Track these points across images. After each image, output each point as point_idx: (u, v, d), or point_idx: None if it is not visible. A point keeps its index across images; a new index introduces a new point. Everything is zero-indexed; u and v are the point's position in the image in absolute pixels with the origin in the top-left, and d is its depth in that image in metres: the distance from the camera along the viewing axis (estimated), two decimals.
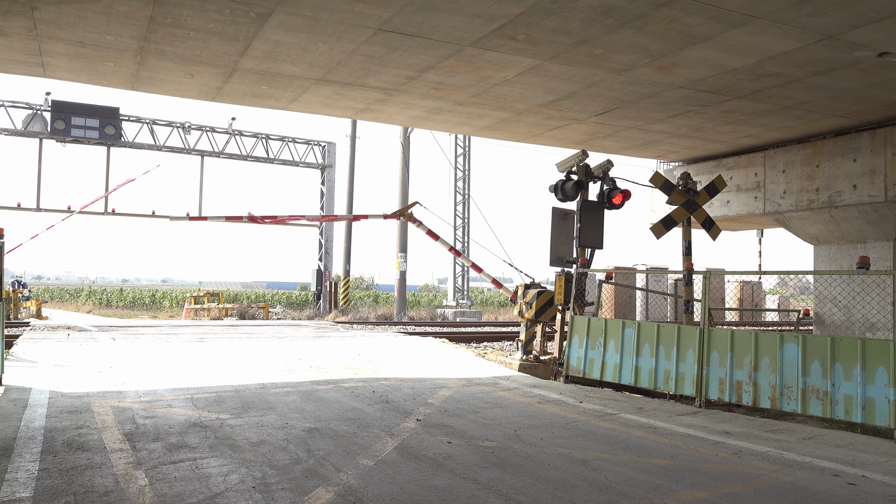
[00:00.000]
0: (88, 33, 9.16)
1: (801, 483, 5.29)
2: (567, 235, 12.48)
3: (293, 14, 8.38)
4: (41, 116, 23.26)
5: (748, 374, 8.25)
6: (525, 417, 7.58)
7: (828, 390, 7.45)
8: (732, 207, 16.05)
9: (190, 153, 26.42)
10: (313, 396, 8.44)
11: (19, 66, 10.75)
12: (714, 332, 8.78)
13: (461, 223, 31.04)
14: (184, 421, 6.85)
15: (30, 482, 4.79)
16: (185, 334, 15.54)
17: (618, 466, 5.61)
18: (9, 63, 10.59)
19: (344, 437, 6.39)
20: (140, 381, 9.17)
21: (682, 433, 7.02)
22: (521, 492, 4.89)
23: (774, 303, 37.99)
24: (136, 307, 42.74)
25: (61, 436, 6.11)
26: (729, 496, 4.90)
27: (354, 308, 30.43)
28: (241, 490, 4.75)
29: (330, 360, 11.89)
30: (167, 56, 10.03)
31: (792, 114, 12.34)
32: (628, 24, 8.38)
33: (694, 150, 15.80)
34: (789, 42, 8.81)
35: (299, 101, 12.44)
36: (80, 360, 10.77)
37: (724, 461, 5.90)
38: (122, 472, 5.08)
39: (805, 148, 14.34)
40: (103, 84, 11.69)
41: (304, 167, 29.59)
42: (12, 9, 8.37)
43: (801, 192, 14.42)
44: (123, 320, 24.74)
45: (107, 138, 23.65)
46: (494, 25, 8.56)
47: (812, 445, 6.63)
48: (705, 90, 10.99)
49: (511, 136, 14.93)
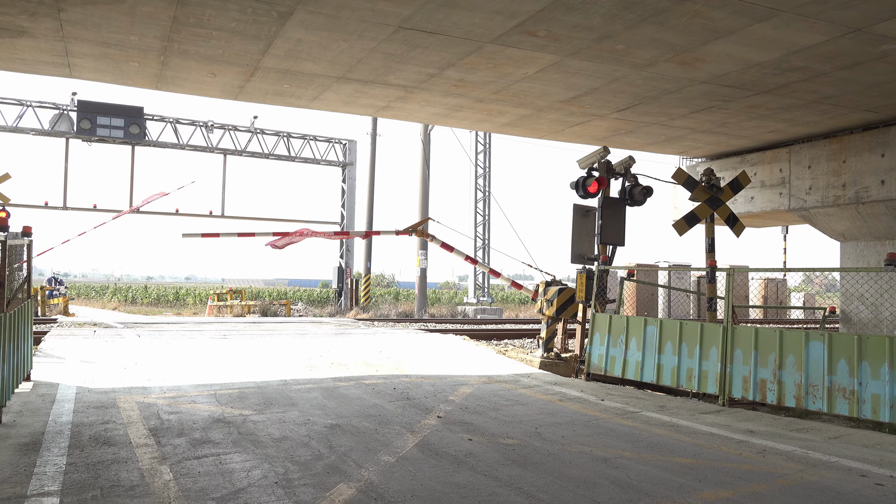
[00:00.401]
0: (113, 34, 9.28)
1: (828, 483, 5.22)
2: (588, 232, 12.41)
3: (314, 12, 8.42)
4: (67, 116, 23.62)
5: (773, 372, 8.14)
6: (546, 415, 7.56)
7: (854, 389, 7.34)
8: (756, 204, 15.85)
9: (213, 152, 26.66)
10: (335, 393, 8.49)
11: (47, 67, 10.92)
12: (738, 330, 8.69)
13: (482, 220, 31.00)
14: (207, 416, 6.93)
15: (58, 476, 4.88)
16: (208, 331, 15.70)
17: (640, 465, 5.58)
18: (37, 64, 10.77)
19: (365, 433, 6.42)
20: (164, 377, 9.29)
21: (705, 432, 6.95)
22: (542, 489, 4.88)
23: (800, 300, 37.47)
24: (160, 304, 43.28)
25: (88, 431, 6.21)
26: (753, 496, 4.85)
27: (375, 305, 30.55)
28: (263, 485, 4.80)
29: (351, 356, 11.95)
30: (190, 55, 10.13)
31: (818, 108, 12.16)
32: (650, 19, 8.31)
33: (717, 145, 15.63)
34: (815, 35, 8.68)
35: (320, 100, 12.50)
36: (106, 357, 10.93)
37: (748, 460, 5.84)
38: (148, 467, 5.15)
39: (831, 143, 14.11)
40: (128, 84, 11.84)
41: (326, 165, 29.73)
42: (39, 10, 8.51)
43: (828, 187, 14.20)
44: (148, 317, 25.07)
45: (131, 137, 23.95)
46: (515, 22, 8.53)
47: (838, 445, 6.54)
48: (729, 85, 10.86)
49: (532, 132, 14.88)
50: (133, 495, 4.52)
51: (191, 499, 4.48)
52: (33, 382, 8.51)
